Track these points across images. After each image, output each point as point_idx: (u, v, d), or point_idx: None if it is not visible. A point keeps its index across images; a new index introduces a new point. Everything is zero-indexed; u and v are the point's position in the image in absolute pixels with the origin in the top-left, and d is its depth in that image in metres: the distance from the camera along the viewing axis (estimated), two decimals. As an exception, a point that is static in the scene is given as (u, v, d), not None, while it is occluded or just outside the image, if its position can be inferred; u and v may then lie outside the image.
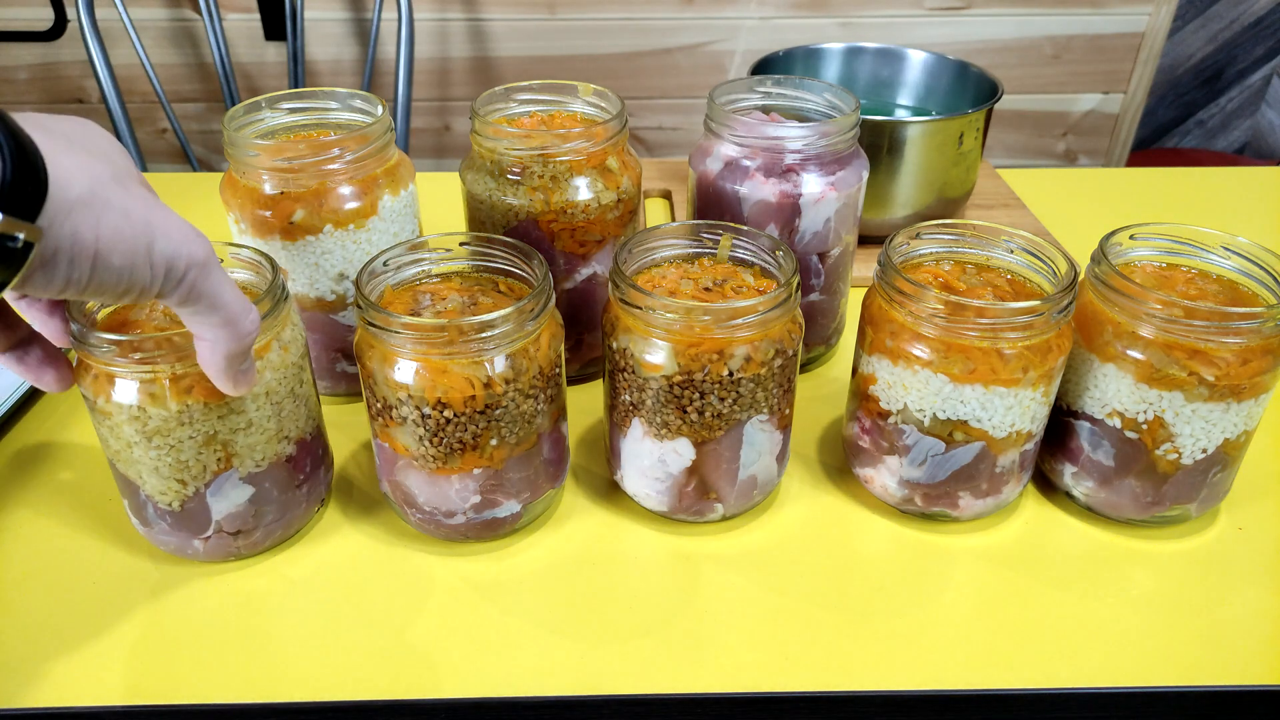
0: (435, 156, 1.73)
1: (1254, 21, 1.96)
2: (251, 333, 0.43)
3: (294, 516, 0.54)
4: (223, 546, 0.52)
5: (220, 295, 0.41)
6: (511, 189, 0.60)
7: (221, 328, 0.42)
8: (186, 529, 0.51)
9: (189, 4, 1.55)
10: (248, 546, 0.53)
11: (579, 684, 0.48)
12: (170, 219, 0.38)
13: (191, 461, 0.48)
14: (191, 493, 0.50)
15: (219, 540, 0.52)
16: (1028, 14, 1.62)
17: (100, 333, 0.45)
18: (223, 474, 0.49)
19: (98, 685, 0.47)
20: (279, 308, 0.49)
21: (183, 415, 0.47)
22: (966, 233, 0.56)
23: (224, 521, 0.51)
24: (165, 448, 0.48)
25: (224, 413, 0.48)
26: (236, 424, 0.48)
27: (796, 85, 0.67)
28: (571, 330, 0.66)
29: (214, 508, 0.50)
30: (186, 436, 0.47)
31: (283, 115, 0.64)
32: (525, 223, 0.61)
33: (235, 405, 0.48)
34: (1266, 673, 0.48)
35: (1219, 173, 1.07)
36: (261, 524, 0.52)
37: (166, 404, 0.46)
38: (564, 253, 0.62)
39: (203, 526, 0.51)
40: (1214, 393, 0.50)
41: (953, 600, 0.52)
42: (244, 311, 0.42)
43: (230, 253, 0.52)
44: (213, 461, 0.49)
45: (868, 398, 0.55)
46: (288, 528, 0.54)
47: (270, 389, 0.49)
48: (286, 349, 0.50)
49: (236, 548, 0.53)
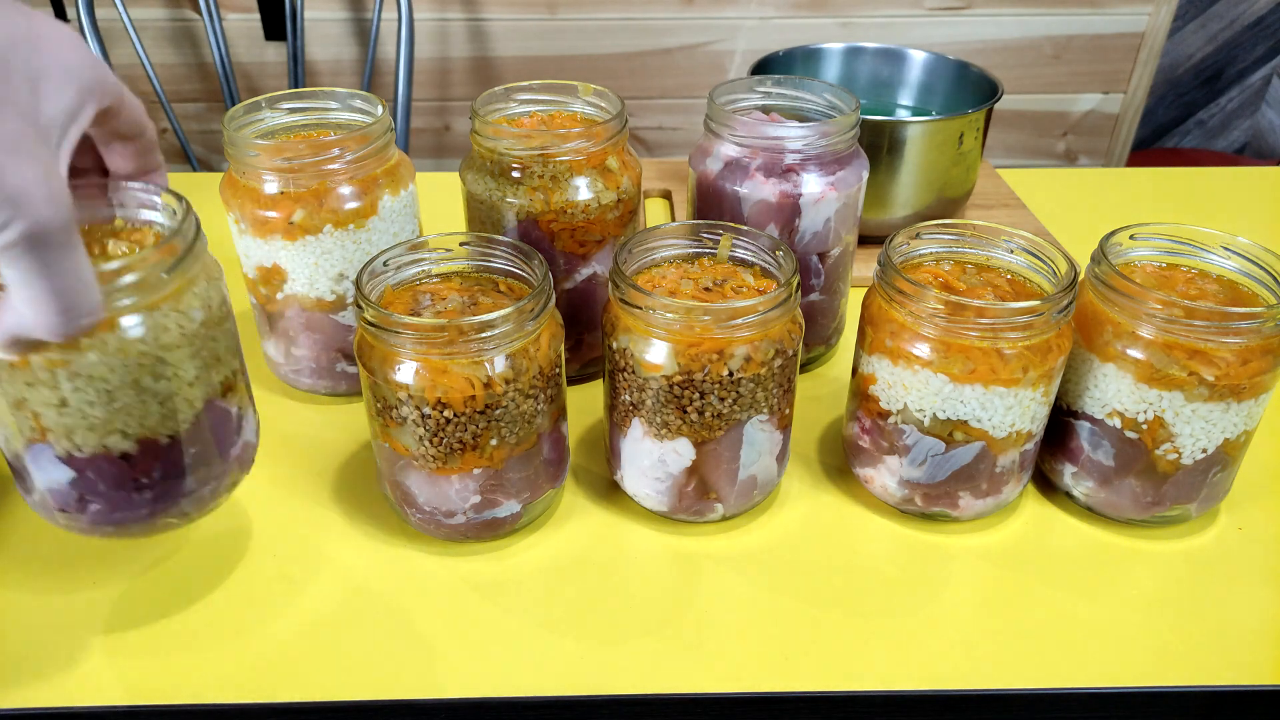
0: (435, 156, 1.73)
1: (1254, 21, 1.96)
2: (81, 328, 0.37)
3: (129, 520, 0.46)
4: (49, 515, 0.46)
5: (53, 279, 0.34)
6: (511, 189, 0.60)
7: (41, 308, 0.35)
8: (20, 483, 0.46)
9: (189, 4, 1.55)
10: (75, 528, 0.46)
11: (579, 684, 0.48)
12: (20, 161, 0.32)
13: (7, 418, 0.43)
14: (12, 452, 0.44)
15: (44, 507, 0.46)
16: (1028, 14, 1.62)
17: None
18: (38, 444, 0.43)
19: (97, 685, 0.47)
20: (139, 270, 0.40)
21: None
22: (966, 233, 0.56)
23: (49, 494, 0.45)
24: None
25: (31, 380, 0.41)
26: (46, 398, 0.41)
27: (796, 85, 0.67)
28: (571, 330, 0.66)
29: (34, 475, 0.44)
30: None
31: (283, 115, 0.64)
32: (525, 223, 0.61)
33: (43, 378, 0.40)
34: (1266, 673, 0.48)
35: (1219, 173, 1.07)
36: (86, 512, 0.45)
37: None
38: (564, 253, 0.62)
39: (29, 487, 0.46)
40: (1214, 393, 0.50)
41: (953, 600, 0.52)
42: (77, 301, 0.36)
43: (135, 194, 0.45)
44: (26, 428, 0.43)
45: (868, 398, 0.55)
46: (121, 529, 0.46)
47: (96, 374, 0.41)
48: (135, 334, 0.41)
49: (65, 524, 0.46)
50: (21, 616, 0.51)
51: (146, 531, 0.47)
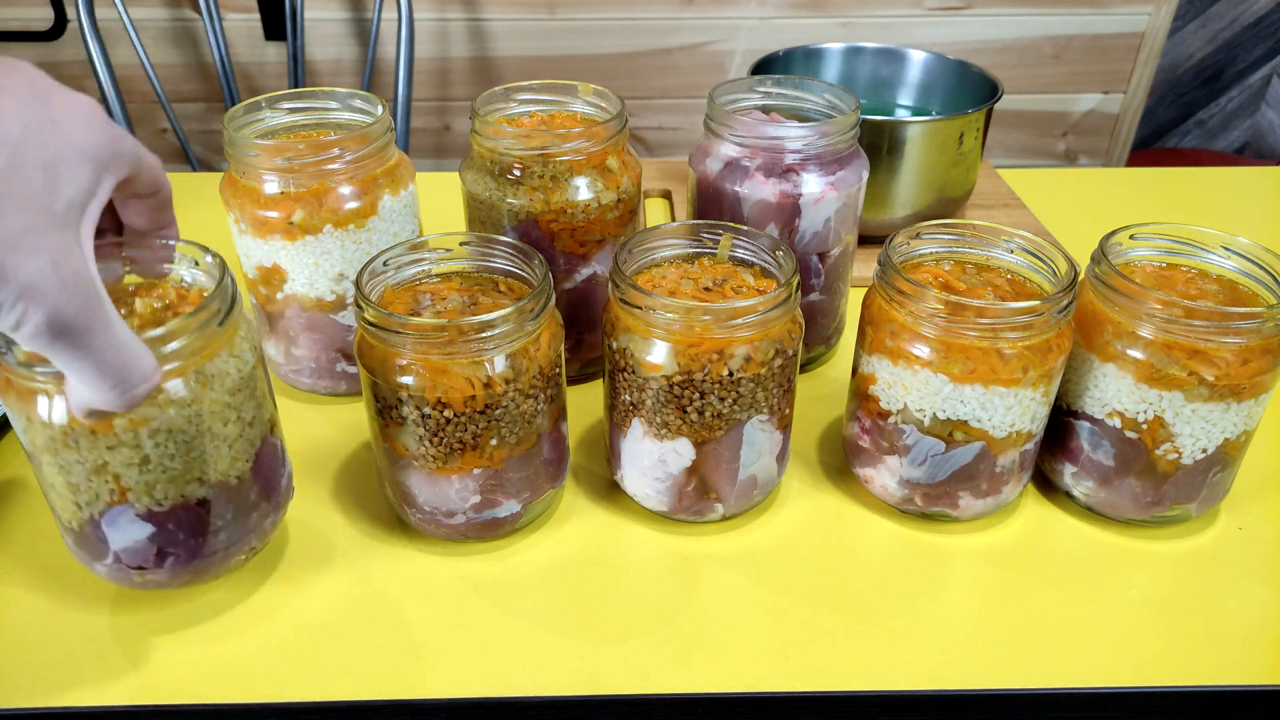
0: (435, 156, 1.73)
1: (1254, 21, 1.96)
2: (138, 397, 0.37)
3: (205, 564, 0.48)
4: (123, 577, 0.47)
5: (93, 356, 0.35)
6: (511, 189, 0.60)
7: (93, 384, 0.36)
8: (86, 550, 0.47)
9: (189, 4, 1.55)
10: (150, 584, 0.48)
11: (579, 684, 0.48)
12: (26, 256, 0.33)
13: (83, 486, 0.44)
14: (86, 518, 0.45)
15: (118, 570, 0.47)
16: (1028, 14, 1.62)
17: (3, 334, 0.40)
18: (117, 506, 0.44)
19: (97, 685, 0.47)
20: (207, 328, 0.42)
21: (68, 439, 0.42)
22: (966, 233, 0.56)
23: (122, 554, 0.46)
24: (55, 466, 0.43)
25: (113, 444, 0.42)
26: (129, 458, 0.43)
27: (796, 85, 0.67)
28: (571, 330, 0.66)
29: (110, 538, 0.46)
30: (74, 460, 0.43)
31: (283, 115, 0.64)
32: (525, 223, 0.61)
33: (126, 439, 0.42)
34: (1266, 673, 0.48)
35: (1219, 173, 1.07)
36: (164, 565, 0.47)
37: (50, 422, 0.42)
38: (564, 253, 0.62)
39: (100, 554, 0.47)
40: (1214, 393, 0.50)
41: (953, 600, 0.52)
42: (127, 373, 0.36)
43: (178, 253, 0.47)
44: (104, 492, 0.44)
45: (868, 398, 0.55)
46: (198, 574, 0.48)
47: (175, 427, 0.43)
48: (206, 383, 0.43)
49: (139, 582, 0.48)
50: (21, 617, 0.51)
51: (219, 572, 0.50)
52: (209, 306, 0.43)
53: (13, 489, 0.59)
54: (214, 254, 0.46)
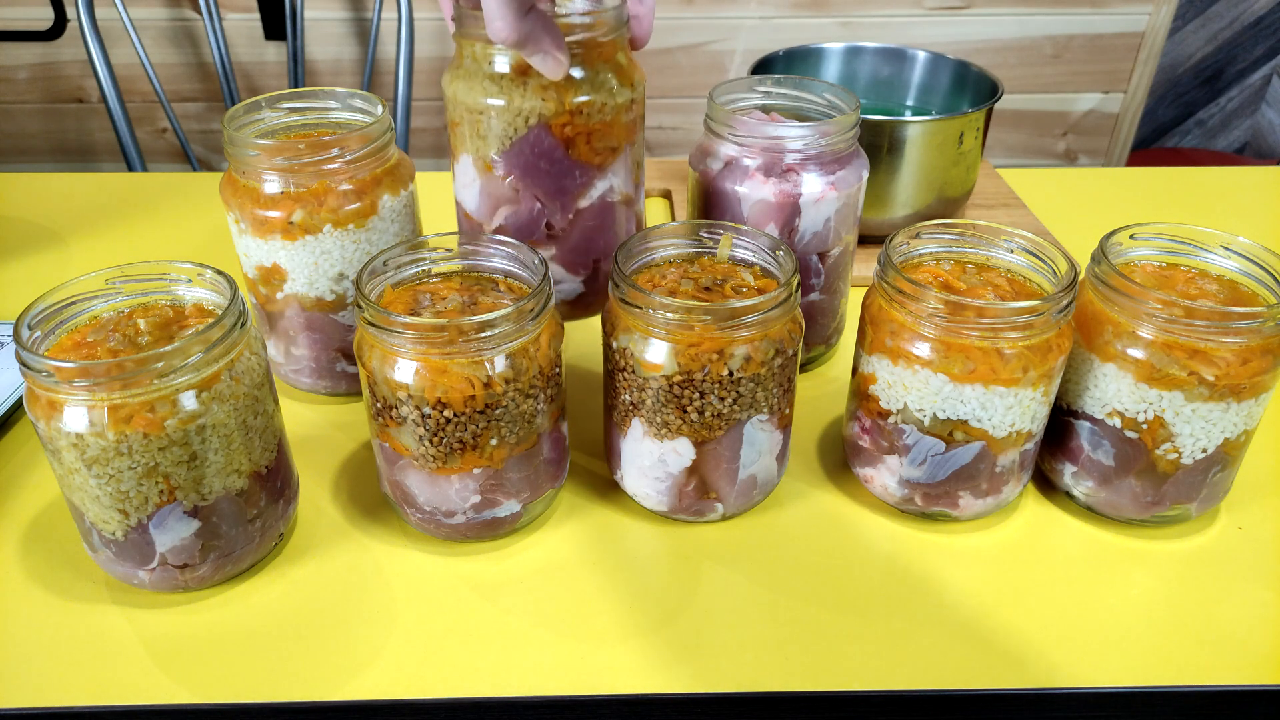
0: (435, 156, 1.73)
1: (1254, 21, 1.96)
2: None
3: (244, 552, 0.52)
4: (169, 579, 0.50)
5: None
6: (517, 91, 0.54)
7: None
8: (130, 559, 0.49)
9: (189, 4, 1.55)
10: (194, 581, 0.51)
11: (579, 684, 0.48)
12: None
13: (133, 492, 0.46)
14: (134, 523, 0.48)
15: (164, 573, 0.50)
16: (1028, 14, 1.62)
17: (42, 358, 0.44)
18: (166, 506, 0.48)
19: (97, 685, 0.47)
20: (232, 334, 0.47)
21: (121, 445, 0.45)
22: (966, 232, 0.56)
23: (169, 554, 0.49)
24: (105, 477, 0.46)
25: (164, 444, 0.46)
26: (179, 456, 0.46)
27: (796, 85, 0.67)
28: (587, 260, 0.61)
29: (158, 540, 0.48)
30: (126, 467, 0.46)
31: (283, 115, 0.64)
32: (536, 130, 0.55)
33: (176, 437, 0.46)
34: (1266, 673, 0.48)
35: (1219, 173, 1.07)
36: (208, 559, 0.50)
37: (105, 433, 0.44)
38: (579, 163, 0.57)
39: (147, 558, 0.49)
40: (1214, 392, 0.50)
41: (953, 600, 0.52)
42: None
43: (189, 273, 0.51)
44: (154, 493, 0.47)
45: (868, 397, 0.55)
46: (237, 563, 0.52)
47: (216, 422, 0.47)
48: (238, 380, 0.48)
49: (183, 581, 0.50)
50: (21, 617, 0.51)
51: (254, 561, 0.53)
52: (234, 311, 0.48)
53: (13, 489, 0.59)
54: (225, 275, 0.50)
